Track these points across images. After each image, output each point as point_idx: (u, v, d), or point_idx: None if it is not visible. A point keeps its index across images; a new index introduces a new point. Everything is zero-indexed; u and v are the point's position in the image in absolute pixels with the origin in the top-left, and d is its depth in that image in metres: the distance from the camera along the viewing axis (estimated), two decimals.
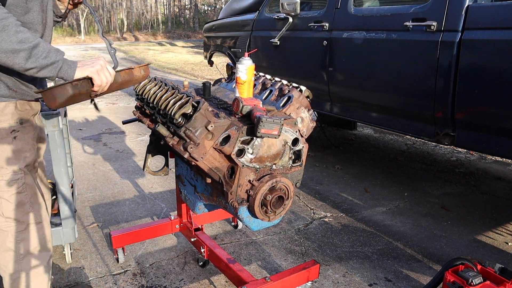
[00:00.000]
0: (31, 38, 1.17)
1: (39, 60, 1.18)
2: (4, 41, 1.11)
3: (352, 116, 3.17)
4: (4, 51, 1.12)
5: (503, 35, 2.05)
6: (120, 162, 3.84)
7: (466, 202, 3.13)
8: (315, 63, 3.27)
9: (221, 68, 8.23)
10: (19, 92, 1.35)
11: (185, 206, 2.22)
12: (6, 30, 1.11)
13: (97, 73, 1.28)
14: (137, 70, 1.44)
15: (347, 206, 3.05)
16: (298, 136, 1.52)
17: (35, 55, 1.17)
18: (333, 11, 3.10)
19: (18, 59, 1.15)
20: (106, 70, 1.32)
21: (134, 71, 1.42)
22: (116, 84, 1.37)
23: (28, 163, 1.42)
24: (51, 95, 1.21)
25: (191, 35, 33.77)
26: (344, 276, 2.20)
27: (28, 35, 1.16)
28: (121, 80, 1.38)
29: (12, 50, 1.13)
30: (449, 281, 1.65)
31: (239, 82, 1.63)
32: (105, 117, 5.61)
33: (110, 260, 2.28)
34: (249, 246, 2.47)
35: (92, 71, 1.27)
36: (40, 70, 1.19)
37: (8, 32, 1.12)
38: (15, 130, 1.36)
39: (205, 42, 5.29)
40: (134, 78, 1.43)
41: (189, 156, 1.38)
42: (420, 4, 2.47)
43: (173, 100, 1.47)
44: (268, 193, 1.47)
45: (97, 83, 1.29)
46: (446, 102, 2.36)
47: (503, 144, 2.19)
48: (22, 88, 1.35)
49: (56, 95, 1.21)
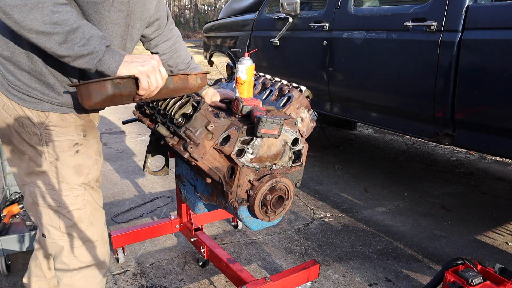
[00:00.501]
0: (70, 21, 0.99)
1: (74, 47, 1.00)
2: (36, 20, 0.96)
3: (352, 116, 3.17)
4: (35, 32, 0.97)
5: (503, 35, 2.05)
6: (120, 162, 3.84)
7: (466, 202, 3.13)
8: (315, 63, 3.27)
9: (221, 68, 8.23)
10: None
11: (185, 206, 2.22)
12: (41, 8, 0.96)
13: (146, 74, 1.08)
14: (193, 77, 1.23)
15: (347, 206, 3.05)
16: (298, 136, 1.52)
17: (71, 41, 1.00)
18: (333, 11, 3.10)
19: (50, 43, 0.99)
20: (159, 72, 1.11)
21: (190, 78, 1.22)
22: (166, 90, 1.17)
23: (90, 179, 1.31)
24: (86, 91, 1.02)
25: (191, 35, 33.77)
26: (344, 276, 2.20)
27: (67, 17, 0.99)
28: (173, 86, 1.18)
29: (44, 32, 0.97)
30: (449, 281, 1.65)
31: (239, 82, 1.63)
32: (105, 117, 5.61)
33: (110, 260, 2.28)
34: (249, 246, 2.47)
35: (140, 71, 1.06)
36: (75, 59, 1.02)
37: (43, 11, 0.96)
38: (78, 143, 1.25)
39: (205, 42, 5.29)
40: (188, 87, 1.23)
41: (189, 156, 1.38)
42: (420, 4, 2.47)
43: (173, 100, 1.47)
44: (268, 193, 1.47)
45: (144, 86, 1.08)
46: (446, 102, 2.36)
47: (503, 144, 2.19)
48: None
49: (92, 92, 1.01)
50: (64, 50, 1.01)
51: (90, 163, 1.30)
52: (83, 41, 1.02)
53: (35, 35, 0.98)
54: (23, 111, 1.19)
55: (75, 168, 1.27)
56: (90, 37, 1.03)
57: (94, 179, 1.34)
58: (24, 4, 0.95)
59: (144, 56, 1.11)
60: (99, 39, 1.04)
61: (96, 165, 1.34)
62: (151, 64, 1.09)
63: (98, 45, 1.03)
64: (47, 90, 1.18)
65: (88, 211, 1.33)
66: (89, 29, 1.04)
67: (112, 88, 1.02)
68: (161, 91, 1.16)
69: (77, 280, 1.39)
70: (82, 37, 1.02)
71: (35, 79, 1.17)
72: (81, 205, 1.30)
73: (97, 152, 1.34)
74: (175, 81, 1.19)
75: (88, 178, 1.31)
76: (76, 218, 1.30)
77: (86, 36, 1.02)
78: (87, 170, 1.30)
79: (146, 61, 1.09)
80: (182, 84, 1.21)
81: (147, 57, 1.12)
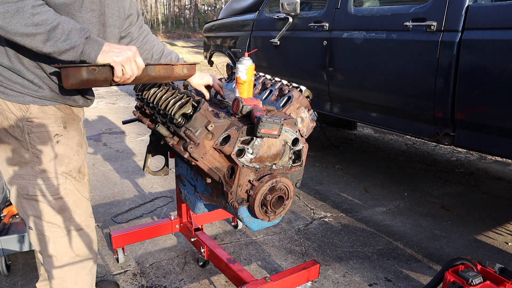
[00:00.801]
0: (50, 20, 1.09)
1: (57, 43, 1.10)
2: (19, 24, 1.05)
3: (352, 116, 3.17)
4: (20, 34, 1.07)
5: (503, 35, 2.05)
6: (120, 162, 3.84)
7: (466, 202, 3.13)
8: (315, 63, 3.27)
9: (221, 68, 8.23)
10: (61, 96, 1.30)
11: (185, 206, 2.22)
12: (21, 12, 1.05)
13: (120, 64, 1.18)
14: (179, 67, 1.33)
15: (347, 206, 3.05)
16: (298, 136, 1.52)
17: (53, 38, 1.09)
18: (333, 11, 3.10)
19: (35, 42, 1.09)
20: (134, 62, 1.21)
21: (175, 68, 1.32)
22: (147, 77, 1.28)
23: (71, 169, 1.37)
24: (65, 73, 1.13)
25: (191, 35, 33.76)
26: (344, 276, 2.20)
27: (46, 16, 1.09)
28: (155, 74, 1.29)
29: (28, 33, 1.07)
30: (449, 281, 1.65)
31: (239, 82, 1.63)
32: (105, 117, 5.61)
33: (110, 260, 2.28)
34: (249, 246, 2.47)
35: (114, 60, 1.17)
36: (60, 54, 1.12)
37: (24, 15, 1.05)
38: (58, 134, 1.32)
39: (205, 42, 5.29)
40: (173, 75, 1.33)
41: (189, 156, 1.38)
42: (420, 4, 2.47)
43: (173, 100, 1.47)
44: (268, 193, 1.47)
45: (118, 74, 1.19)
46: (446, 102, 2.36)
47: (503, 144, 2.19)
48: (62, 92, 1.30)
49: (69, 75, 1.13)
50: (48, 47, 1.10)
51: (71, 153, 1.36)
52: (63, 36, 1.11)
53: (20, 37, 1.08)
54: (6, 104, 1.25)
55: (56, 158, 1.33)
56: (70, 31, 1.12)
57: (75, 169, 1.39)
58: (6, 11, 1.04)
59: (122, 47, 1.20)
60: (78, 32, 1.13)
61: (77, 155, 1.39)
62: (126, 55, 1.19)
63: (78, 39, 1.13)
64: (27, 84, 1.25)
65: (71, 200, 1.38)
66: (68, 24, 1.12)
67: (86, 73, 1.14)
68: (142, 78, 1.27)
69: (66, 272, 1.43)
70: (62, 33, 1.11)
71: (15, 75, 1.24)
72: (63, 194, 1.36)
73: (78, 143, 1.40)
74: (158, 70, 1.29)
75: (69, 168, 1.37)
76: (59, 207, 1.36)
77: (66, 32, 1.11)
78: (68, 160, 1.35)
79: (122, 51, 1.19)
80: (165, 72, 1.31)
81: (124, 47, 1.20)
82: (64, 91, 1.31)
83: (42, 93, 1.27)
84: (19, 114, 1.26)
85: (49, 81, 1.27)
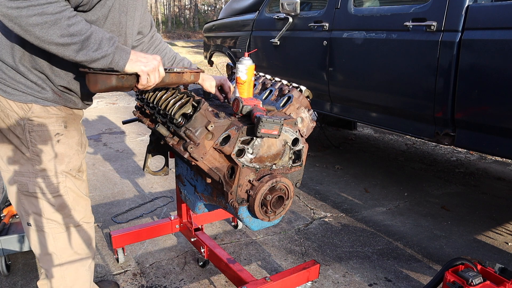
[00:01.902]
0: (83, 30, 1.14)
1: (89, 53, 1.15)
2: (55, 35, 1.09)
3: (352, 116, 3.17)
4: (55, 44, 1.11)
5: (503, 35, 2.05)
6: (120, 162, 3.84)
7: (466, 202, 3.14)
8: (315, 63, 3.27)
9: (221, 68, 8.23)
10: (62, 98, 1.33)
11: (185, 206, 2.22)
12: (58, 24, 1.09)
13: (147, 73, 1.25)
14: (188, 75, 1.42)
15: (347, 206, 3.05)
16: (298, 136, 1.52)
17: (85, 47, 1.14)
18: (333, 11, 3.10)
19: (68, 51, 1.13)
20: (157, 71, 1.28)
21: (184, 76, 1.41)
22: (162, 83, 1.36)
23: (71, 168, 1.40)
24: (94, 79, 1.19)
25: (191, 35, 33.75)
26: (344, 276, 2.20)
27: (80, 27, 1.13)
28: (168, 81, 1.37)
29: (63, 43, 1.11)
30: (449, 281, 1.65)
31: (239, 82, 1.63)
32: (105, 117, 5.61)
33: (110, 260, 2.28)
34: (249, 246, 2.47)
35: (142, 70, 1.24)
36: (91, 63, 1.16)
37: (61, 26, 1.09)
38: (59, 133, 1.34)
39: (205, 42, 5.29)
40: (181, 81, 1.42)
41: (189, 156, 1.38)
42: (420, 4, 2.47)
43: (173, 100, 1.47)
44: (268, 193, 1.47)
45: (143, 83, 1.26)
46: (446, 102, 2.36)
47: (503, 144, 2.19)
48: (65, 95, 1.34)
49: (98, 81, 1.19)
50: (81, 56, 1.14)
51: (71, 153, 1.39)
52: (95, 46, 1.15)
53: (55, 46, 1.11)
54: (8, 103, 1.27)
55: (56, 156, 1.35)
56: (101, 41, 1.17)
57: (75, 168, 1.42)
58: (44, 22, 1.07)
59: (147, 56, 1.26)
60: (107, 41, 1.18)
61: (77, 154, 1.42)
62: (152, 65, 1.25)
63: (109, 48, 1.18)
64: (30, 84, 1.27)
65: (71, 198, 1.40)
66: (99, 34, 1.17)
67: (116, 81, 1.21)
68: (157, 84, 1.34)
69: (66, 269, 1.44)
70: (94, 42, 1.15)
71: (19, 75, 1.26)
72: (62, 192, 1.38)
73: (78, 143, 1.42)
74: (171, 77, 1.37)
75: (69, 167, 1.39)
76: (59, 204, 1.38)
77: (98, 41, 1.16)
78: (68, 159, 1.38)
79: (149, 61, 1.25)
80: (176, 79, 1.39)
81: (150, 57, 1.26)
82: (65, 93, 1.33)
83: (45, 94, 1.29)
84: (21, 113, 1.28)
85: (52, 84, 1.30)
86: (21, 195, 1.36)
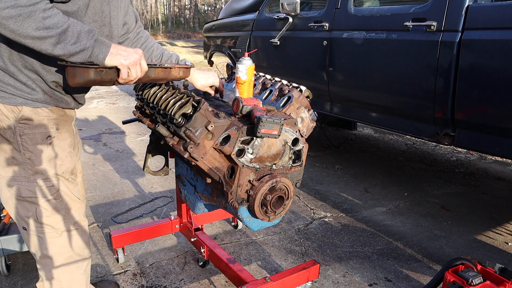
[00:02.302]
0: (60, 23, 1.10)
1: (67, 46, 1.11)
2: (30, 28, 1.06)
3: (352, 116, 3.17)
4: (31, 37, 1.08)
5: (503, 35, 2.05)
6: (120, 162, 3.84)
7: (466, 202, 3.14)
8: (315, 63, 3.27)
9: (221, 68, 8.23)
10: (53, 98, 1.31)
11: (185, 206, 2.22)
12: (33, 16, 1.06)
13: (127, 67, 1.21)
14: (176, 70, 1.39)
15: (347, 206, 3.05)
16: (298, 136, 1.52)
17: (63, 41, 1.10)
18: (333, 11, 3.10)
19: (45, 45, 1.10)
20: (139, 65, 1.24)
21: (172, 71, 1.38)
22: (147, 78, 1.33)
23: (64, 171, 1.37)
24: (72, 72, 1.16)
25: (191, 35, 33.74)
26: (344, 276, 2.20)
27: (57, 20, 1.10)
28: (154, 76, 1.34)
29: (39, 37, 1.08)
30: (449, 281, 1.65)
31: (239, 82, 1.63)
32: (105, 117, 5.61)
33: (110, 260, 2.28)
34: (249, 246, 2.47)
35: (122, 64, 1.20)
36: (70, 56, 1.13)
37: (35, 19, 1.06)
38: (50, 136, 1.32)
39: (205, 42, 5.29)
40: (169, 77, 1.39)
41: (189, 156, 1.38)
42: (420, 4, 2.47)
43: (173, 100, 1.47)
44: (268, 193, 1.47)
45: (123, 77, 1.22)
46: (446, 102, 2.36)
47: (503, 144, 2.19)
48: (56, 95, 1.31)
49: (76, 74, 1.16)
50: (59, 50, 1.11)
51: (63, 155, 1.37)
52: (73, 39, 1.12)
53: (31, 40, 1.08)
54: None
55: (48, 159, 1.33)
56: (79, 34, 1.13)
57: (68, 171, 1.39)
58: (18, 15, 1.04)
59: (128, 49, 1.23)
60: (86, 34, 1.15)
61: (69, 157, 1.39)
62: (133, 58, 1.22)
63: (87, 41, 1.15)
64: (19, 86, 1.25)
65: (64, 202, 1.39)
66: (77, 26, 1.14)
67: (94, 74, 1.18)
68: (142, 79, 1.31)
69: (62, 272, 1.44)
70: (72, 35, 1.12)
71: (8, 76, 1.24)
72: (56, 196, 1.36)
73: (70, 145, 1.40)
74: (158, 72, 1.34)
75: (62, 169, 1.37)
76: (52, 208, 1.36)
77: (76, 34, 1.13)
78: (60, 162, 1.36)
79: (129, 54, 1.21)
80: (163, 75, 1.36)
81: (131, 50, 1.23)
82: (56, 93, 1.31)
83: (35, 95, 1.27)
84: (11, 116, 1.26)
85: (42, 83, 1.28)
86: (15, 200, 1.35)
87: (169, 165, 2.04)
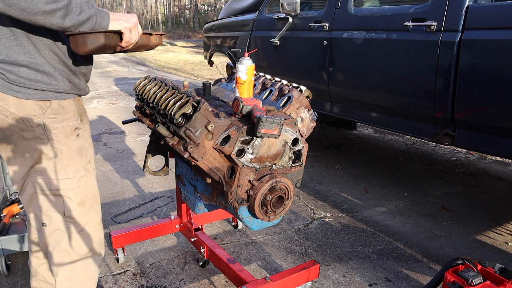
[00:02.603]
0: None
1: (74, 17, 1.14)
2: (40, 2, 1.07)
3: (352, 116, 3.17)
4: (41, 13, 1.09)
5: (503, 35, 2.05)
6: (120, 162, 3.84)
7: (466, 202, 3.13)
8: (315, 63, 3.27)
9: (221, 68, 8.24)
10: (75, 86, 1.34)
11: (185, 206, 2.22)
12: None
13: (129, 29, 1.27)
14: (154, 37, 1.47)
15: (347, 206, 3.05)
16: (298, 136, 1.52)
17: (70, 12, 1.13)
18: (333, 11, 3.11)
19: (55, 19, 1.12)
20: (137, 28, 1.30)
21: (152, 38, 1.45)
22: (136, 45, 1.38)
23: (89, 160, 1.42)
24: (82, 40, 1.19)
25: (191, 35, 33.76)
26: (344, 276, 2.20)
27: None
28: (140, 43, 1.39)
29: (49, 10, 1.10)
30: (449, 281, 1.65)
31: (239, 82, 1.63)
32: (105, 117, 5.61)
33: (110, 260, 2.28)
34: (249, 246, 2.47)
35: (125, 27, 1.26)
36: (78, 27, 1.16)
37: None
38: (77, 127, 1.36)
39: (205, 42, 5.29)
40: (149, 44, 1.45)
41: (189, 156, 1.38)
42: (420, 4, 2.47)
43: (173, 100, 1.47)
44: (268, 193, 1.47)
45: (126, 39, 1.27)
46: (446, 102, 2.36)
47: (503, 144, 2.19)
48: (74, 81, 1.34)
49: (87, 41, 1.19)
50: (68, 22, 1.14)
51: (87, 145, 1.42)
52: (78, 9, 1.15)
53: (42, 16, 1.10)
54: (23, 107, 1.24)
55: (78, 150, 1.37)
56: (81, 4, 1.17)
57: (92, 162, 1.44)
58: None
59: (126, 14, 1.29)
60: (86, 4, 1.18)
61: (91, 146, 1.45)
62: (133, 21, 1.28)
63: (90, 10, 1.19)
64: (48, 79, 1.27)
65: (90, 195, 1.42)
66: None
67: (104, 39, 1.22)
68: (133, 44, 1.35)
69: (76, 269, 1.43)
70: (76, 6, 1.15)
71: (34, 72, 1.24)
72: (84, 188, 1.40)
73: (90, 135, 1.46)
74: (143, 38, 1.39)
75: (88, 159, 1.42)
76: (80, 200, 1.39)
77: (79, 5, 1.16)
78: (86, 152, 1.40)
79: (129, 18, 1.28)
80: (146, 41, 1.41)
81: (128, 15, 1.30)
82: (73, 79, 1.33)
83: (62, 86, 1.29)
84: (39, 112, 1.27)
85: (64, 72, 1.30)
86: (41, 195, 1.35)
87: (169, 165, 2.04)
